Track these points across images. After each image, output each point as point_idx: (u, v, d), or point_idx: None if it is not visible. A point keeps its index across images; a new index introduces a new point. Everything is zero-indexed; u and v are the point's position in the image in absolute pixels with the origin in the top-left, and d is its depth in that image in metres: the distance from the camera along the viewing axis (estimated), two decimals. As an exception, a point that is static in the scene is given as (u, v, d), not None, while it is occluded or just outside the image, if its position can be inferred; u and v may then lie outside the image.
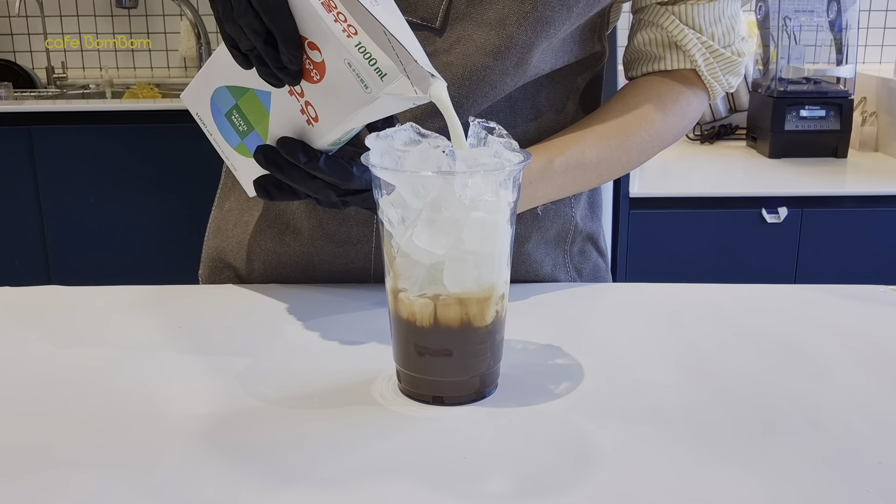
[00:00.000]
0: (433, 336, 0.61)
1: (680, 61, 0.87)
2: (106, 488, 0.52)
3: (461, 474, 0.54)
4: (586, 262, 0.96)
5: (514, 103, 0.83)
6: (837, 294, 0.85)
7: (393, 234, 0.60)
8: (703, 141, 2.43)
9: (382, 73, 0.60)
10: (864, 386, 0.66)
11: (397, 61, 0.60)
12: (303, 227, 0.87)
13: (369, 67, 0.60)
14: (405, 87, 0.60)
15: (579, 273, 0.95)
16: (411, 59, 0.60)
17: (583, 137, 0.83)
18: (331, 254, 0.86)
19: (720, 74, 0.88)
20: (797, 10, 2.23)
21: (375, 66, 0.60)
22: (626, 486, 0.53)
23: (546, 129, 0.86)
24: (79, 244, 2.59)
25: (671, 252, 2.00)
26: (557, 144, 0.83)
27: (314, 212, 0.85)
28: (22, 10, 2.93)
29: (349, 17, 0.60)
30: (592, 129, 0.84)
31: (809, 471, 0.54)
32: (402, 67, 0.60)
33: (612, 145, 0.84)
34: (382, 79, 0.60)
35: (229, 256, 0.93)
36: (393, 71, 0.60)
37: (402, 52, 0.59)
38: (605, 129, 0.85)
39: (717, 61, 0.87)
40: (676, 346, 0.73)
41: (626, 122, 0.85)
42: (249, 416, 0.61)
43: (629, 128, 0.85)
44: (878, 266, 2.01)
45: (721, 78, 0.89)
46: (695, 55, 0.86)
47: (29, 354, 0.71)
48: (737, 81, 0.91)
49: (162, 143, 2.54)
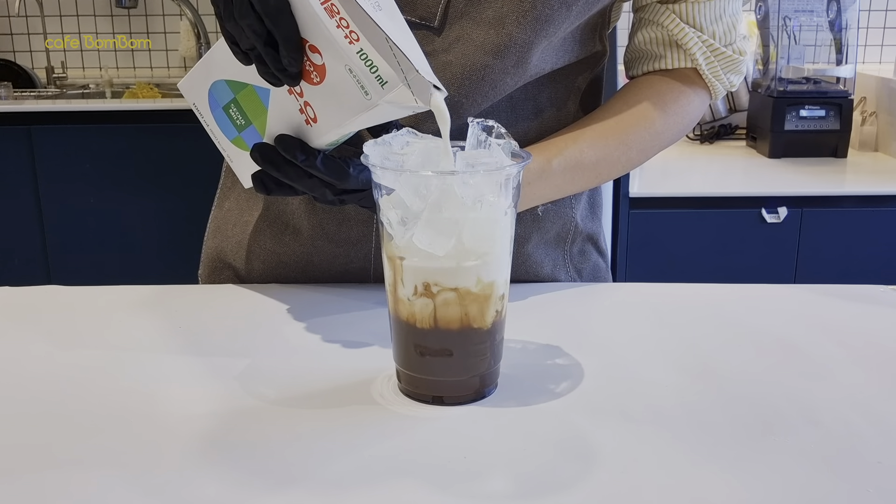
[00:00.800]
0: (433, 336, 0.61)
1: (681, 60, 0.87)
2: (106, 488, 0.52)
3: (461, 474, 0.54)
4: (586, 262, 0.96)
5: (515, 103, 0.83)
6: (837, 294, 0.85)
7: (393, 236, 0.61)
8: (702, 141, 2.43)
9: (383, 81, 0.60)
10: (864, 385, 0.66)
11: (398, 70, 0.60)
12: (302, 226, 0.87)
13: (370, 74, 0.60)
14: (405, 96, 0.60)
15: (579, 273, 0.95)
16: (412, 68, 0.60)
17: (581, 137, 0.83)
18: (330, 254, 0.86)
19: (721, 73, 0.88)
20: (797, 9, 2.23)
21: (377, 74, 0.60)
22: (626, 486, 0.53)
23: (547, 128, 0.86)
24: (78, 244, 2.59)
25: (671, 252, 2.00)
26: (556, 144, 0.83)
27: (314, 212, 0.85)
28: (22, 9, 2.93)
29: (351, 22, 0.60)
30: (591, 128, 0.84)
31: (809, 470, 0.54)
32: (402, 76, 0.60)
33: (611, 144, 0.84)
34: (383, 87, 0.60)
35: (229, 256, 0.93)
36: (393, 79, 0.60)
37: (403, 61, 0.59)
38: (603, 129, 0.84)
39: (719, 60, 0.87)
40: (676, 345, 0.73)
41: (625, 122, 0.85)
42: (249, 416, 0.61)
43: (629, 127, 0.85)
44: (877, 266, 2.01)
45: (722, 77, 0.88)
46: (696, 54, 0.86)
47: (29, 354, 0.71)
48: (738, 80, 0.90)
49: (162, 143, 2.54)
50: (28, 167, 2.54)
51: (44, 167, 2.54)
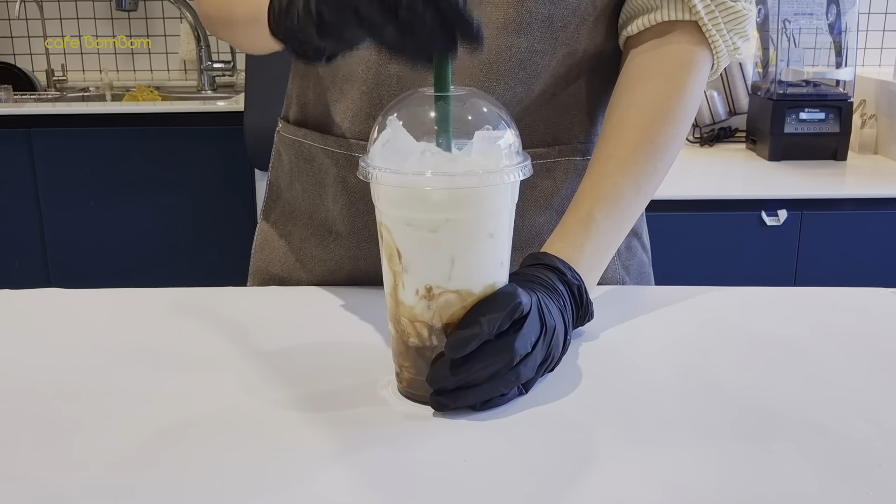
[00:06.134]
0: (434, 338, 0.61)
1: (679, 11, 0.79)
2: (106, 489, 0.52)
3: (461, 475, 0.54)
4: (633, 259, 0.94)
5: (558, 100, 0.83)
6: (837, 296, 0.85)
7: (393, 236, 0.60)
8: (702, 143, 2.44)
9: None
10: (864, 388, 0.66)
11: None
12: (343, 231, 0.87)
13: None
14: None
15: (626, 270, 0.93)
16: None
17: (608, 168, 0.77)
18: (376, 254, 0.86)
19: (724, 29, 0.80)
20: (796, 12, 2.24)
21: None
22: (626, 486, 0.53)
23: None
24: (78, 246, 2.59)
25: (671, 254, 2.00)
26: (586, 193, 0.77)
27: (357, 215, 0.86)
28: (22, 12, 2.94)
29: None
30: (614, 150, 0.78)
31: (808, 473, 0.54)
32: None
33: (641, 161, 0.78)
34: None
35: (276, 268, 0.93)
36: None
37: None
38: (627, 146, 0.78)
39: (721, 13, 0.79)
40: (676, 347, 0.73)
41: (646, 126, 0.78)
42: (249, 416, 0.61)
43: (651, 131, 0.78)
44: (877, 268, 2.01)
45: (726, 34, 0.80)
46: (695, 3, 0.79)
47: (28, 357, 0.71)
48: (743, 45, 0.82)
49: (161, 146, 2.54)
50: (28, 170, 2.54)
51: (44, 170, 2.54)
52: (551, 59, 0.80)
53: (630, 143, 0.78)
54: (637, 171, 0.77)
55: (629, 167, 0.77)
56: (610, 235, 0.76)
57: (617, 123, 0.80)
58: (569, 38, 0.80)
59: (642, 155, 0.78)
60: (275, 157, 0.96)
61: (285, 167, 0.93)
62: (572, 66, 0.83)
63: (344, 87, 0.85)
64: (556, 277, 0.68)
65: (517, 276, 0.67)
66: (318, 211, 0.90)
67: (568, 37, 0.80)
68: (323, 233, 0.89)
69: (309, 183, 0.90)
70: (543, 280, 0.68)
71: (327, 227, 0.89)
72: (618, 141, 0.78)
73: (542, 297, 0.65)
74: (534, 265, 0.70)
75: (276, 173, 0.95)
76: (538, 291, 0.65)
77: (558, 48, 0.80)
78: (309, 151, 0.89)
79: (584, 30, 0.81)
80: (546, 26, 0.78)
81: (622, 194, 0.76)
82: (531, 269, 0.69)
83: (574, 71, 0.84)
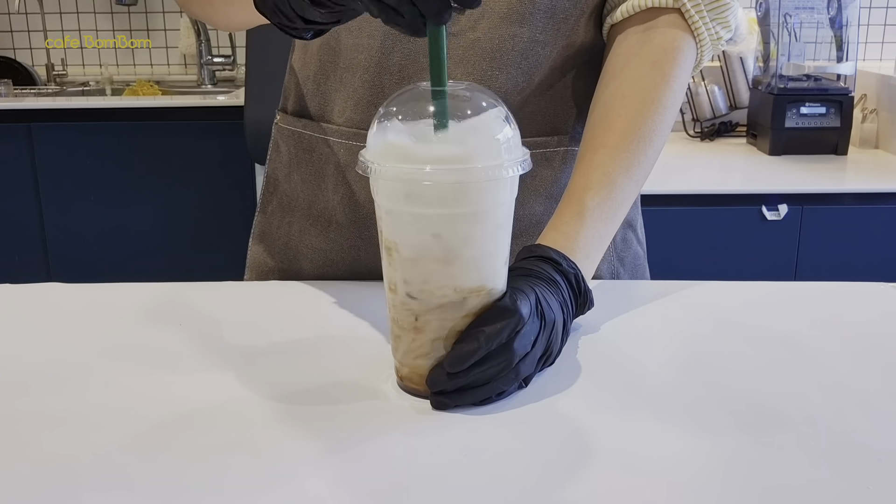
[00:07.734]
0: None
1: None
2: (105, 487, 0.52)
3: (461, 472, 0.54)
4: (628, 251, 0.94)
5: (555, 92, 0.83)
6: (837, 291, 0.85)
7: (392, 231, 0.60)
8: (703, 138, 2.43)
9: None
10: (864, 383, 0.66)
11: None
12: (344, 220, 0.87)
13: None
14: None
15: (622, 261, 0.92)
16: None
17: (597, 156, 0.77)
18: (376, 244, 0.85)
19: (707, 17, 0.80)
20: (797, 7, 2.23)
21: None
22: (626, 484, 0.53)
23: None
24: (79, 241, 2.59)
25: (671, 249, 2.00)
26: (578, 182, 0.77)
27: (355, 204, 0.86)
28: (22, 7, 2.93)
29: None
30: (603, 138, 0.78)
31: (809, 467, 0.54)
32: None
33: (630, 148, 0.78)
34: None
35: (275, 260, 0.93)
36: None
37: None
38: (616, 133, 0.78)
39: (705, 1, 0.79)
40: (676, 343, 0.73)
41: (634, 114, 0.78)
42: (249, 413, 0.61)
43: (641, 121, 0.78)
44: (878, 263, 2.01)
45: (709, 22, 0.80)
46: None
47: (28, 352, 0.71)
48: (726, 35, 0.82)
49: (162, 141, 2.54)
50: (28, 165, 2.54)
51: (44, 165, 2.54)
52: (552, 49, 0.81)
53: (618, 131, 0.78)
54: (627, 159, 0.77)
55: (619, 155, 0.77)
56: (604, 224, 0.76)
57: (603, 111, 0.80)
58: (569, 29, 0.81)
59: (631, 143, 0.78)
60: (272, 149, 0.96)
61: (283, 158, 0.93)
62: (569, 59, 0.84)
63: (345, 77, 0.85)
64: (552, 268, 0.68)
65: (514, 271, 0.67)
66: (318, 201, 0.90)
67: (569, 28, 0.81)
68: (323, 223, 0.89)
69: (308, 173, 0.90)
70: (540, 273, 0.67)
71: (327, 217, 0.89)
72: (606, 129, 0.78)
73: (542, 291, 0.65)
74: (529, 258, 0.70)
75: (273, 165, 0.95)
76: (537, 286, 0.65)
77: (559, 39, 0.80)
78: (308, 142, 0.89)
79: (584, 22, 0.82)
80: (548, 17, 0.79)
81: (614, 182, 0.76)
82: (527, 262, 0.69)
83: (570, 63, 0.84)
